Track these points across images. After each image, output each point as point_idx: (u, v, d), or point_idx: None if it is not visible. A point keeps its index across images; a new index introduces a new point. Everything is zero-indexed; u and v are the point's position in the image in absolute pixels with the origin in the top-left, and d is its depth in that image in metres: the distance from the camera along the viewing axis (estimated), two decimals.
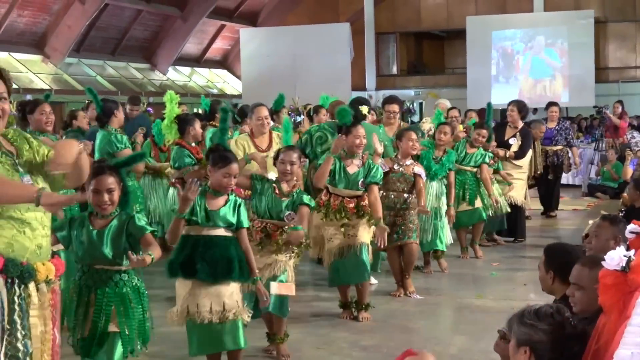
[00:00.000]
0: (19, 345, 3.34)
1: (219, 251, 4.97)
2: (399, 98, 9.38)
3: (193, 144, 7.74)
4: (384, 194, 7.53)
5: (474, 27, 25.59)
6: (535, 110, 25.46)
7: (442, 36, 30.44)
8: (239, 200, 5.12)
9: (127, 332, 4.28)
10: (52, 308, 3.59)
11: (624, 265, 2.96)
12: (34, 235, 3.42)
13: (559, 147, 12.10)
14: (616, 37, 26.12)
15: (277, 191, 5.76)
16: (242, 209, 5.06)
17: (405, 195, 7.62)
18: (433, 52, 31.06)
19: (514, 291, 7.95)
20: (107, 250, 4.24)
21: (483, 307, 7.28)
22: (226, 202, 5.03)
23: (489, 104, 10.04)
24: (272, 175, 6.03)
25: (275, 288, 5.51)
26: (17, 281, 3.37)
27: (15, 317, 3.34)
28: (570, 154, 12.42)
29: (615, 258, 2.98)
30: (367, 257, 6.78)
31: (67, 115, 9.97)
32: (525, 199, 10.54)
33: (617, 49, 26.19)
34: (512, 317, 3.24)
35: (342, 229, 6.78)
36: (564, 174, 13.05)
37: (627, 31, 26.09)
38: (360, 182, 6.79)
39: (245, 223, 5.08)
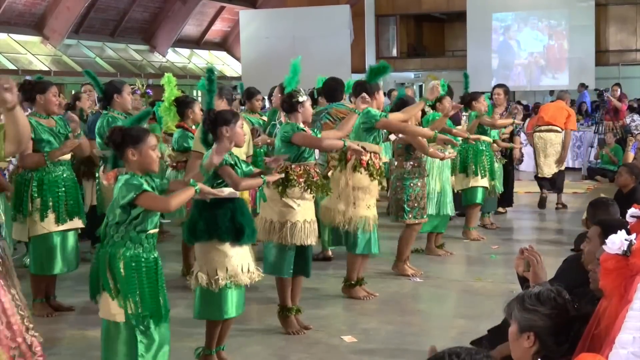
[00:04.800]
0: None
1: (247, 211, 5.08)
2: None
3: (193, 127, 7.71)
4: (412, 163, 7.60)
5: (474, 10, 25.49)
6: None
7: (442, 18, 30.30)
8: None
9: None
10: None
11: (625, 249, 2.96)
12: None
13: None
14: (617, 19, 26.01)
15: None
16: None
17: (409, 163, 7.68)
18: (433, 35, 30.93)
19: (514, 274, 7.92)
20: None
21: (482, 290, 7.29)
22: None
23: (465, 74, 10.08)
24: None
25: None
26: None
27: None
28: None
29: (616, 242, 2.98)
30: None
31: (71, 97, 10.00)
32: None
33: (618, 31, 26.07)
34: (512, 302, 3.19)
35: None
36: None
37: (627, 14, 25.96)
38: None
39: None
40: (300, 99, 5.89)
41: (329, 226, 7.04)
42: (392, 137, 7.96)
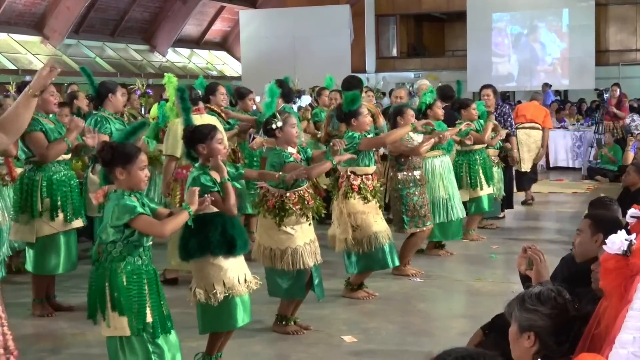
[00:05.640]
0: None
1: (238, 223, 5.06)
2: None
3: None
4: (406, 174, 7.58)
5: (474, 9, 25.47)
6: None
7: (442, 18, 30.29)
8: None
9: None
10: None
11: (625, 249, 2.96)
12: None
13: None
14: (617, 19, 26.00)
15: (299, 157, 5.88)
16: None
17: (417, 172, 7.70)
18: (433, 35, 30.92)
19: (514, 274, 7.94)
20: None
21: (483, 290, 7.29)
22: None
23: (459, 82, 10.12)
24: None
25: None
26: None
27: None
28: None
29: (616, 242, 2.97)
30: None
31: (67, 96, 9.88)
32: None
33: (618, 31, 26.07)
34: (512, 302, 3.19)
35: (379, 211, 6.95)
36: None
37: (627, 14, 25.95)
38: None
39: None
40: (274, 126, 5.76)
41: (340, 252, 7.02)
42: (382, 150, 7.96)
